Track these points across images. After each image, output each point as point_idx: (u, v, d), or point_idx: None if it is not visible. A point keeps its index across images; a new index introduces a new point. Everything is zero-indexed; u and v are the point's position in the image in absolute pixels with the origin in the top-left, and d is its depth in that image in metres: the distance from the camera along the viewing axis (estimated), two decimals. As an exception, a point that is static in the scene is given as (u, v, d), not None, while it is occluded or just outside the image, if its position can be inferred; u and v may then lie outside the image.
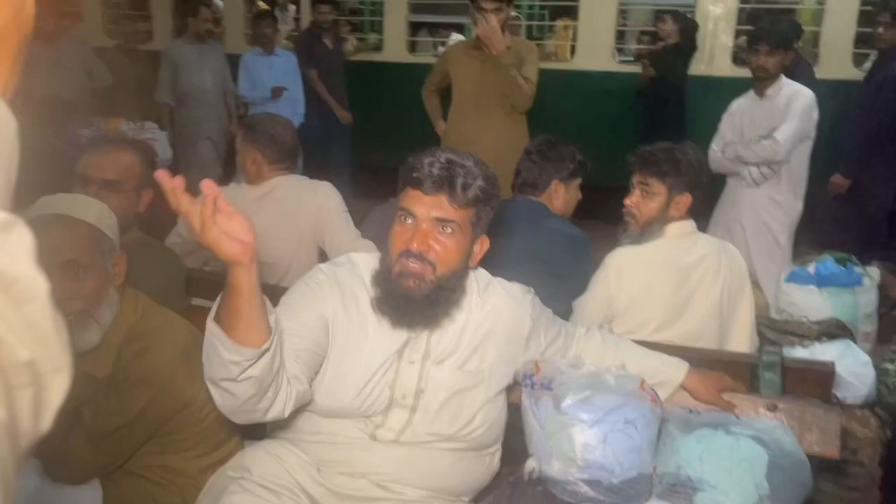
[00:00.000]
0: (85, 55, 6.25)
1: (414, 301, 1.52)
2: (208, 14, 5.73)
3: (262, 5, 7.29)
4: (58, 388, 0.53)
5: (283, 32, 8.04)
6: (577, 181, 2.61)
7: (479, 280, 1.70)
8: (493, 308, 1.66)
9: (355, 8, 8.82)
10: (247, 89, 5.48)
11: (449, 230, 1.52)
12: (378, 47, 7.01)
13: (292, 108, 5.47)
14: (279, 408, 1.40)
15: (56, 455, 1.54)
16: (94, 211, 1.63)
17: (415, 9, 6.79)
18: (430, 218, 1.51)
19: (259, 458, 1.56)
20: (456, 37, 7.38)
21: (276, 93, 5.35)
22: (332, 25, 5.87)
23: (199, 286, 2.46)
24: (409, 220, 1.53)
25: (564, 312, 2.33)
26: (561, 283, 2.43)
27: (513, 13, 6.63)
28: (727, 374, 1.85)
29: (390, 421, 1.55)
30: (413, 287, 1.51)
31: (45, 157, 2.16)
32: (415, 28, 7.28)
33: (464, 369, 1.61)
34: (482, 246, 1.64)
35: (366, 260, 1.66)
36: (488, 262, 2.38)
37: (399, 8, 6.58)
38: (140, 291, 1.98)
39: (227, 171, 4.78)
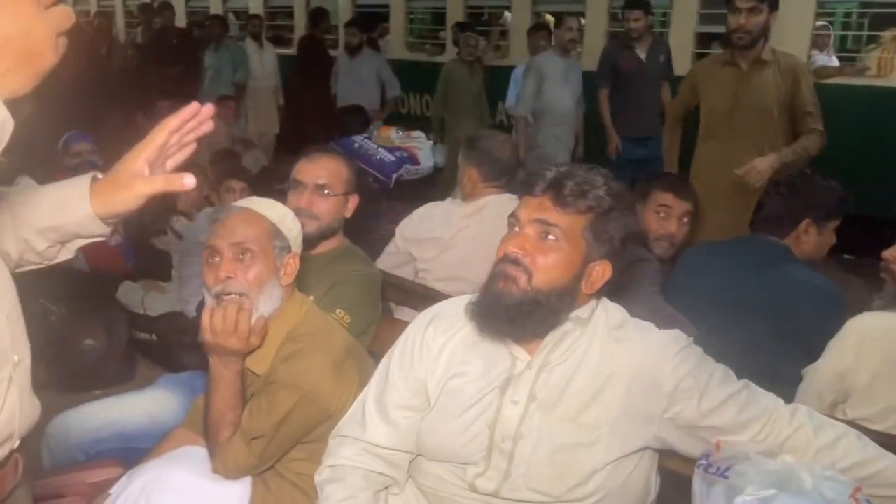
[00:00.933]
0: (380, 67, 6.77)
1: (502, 306, 1.35)
2: (574, 23, 5.31)
3: (549, 18, 7.31)
4: None
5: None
6: (834, 223, 2.18)
7: (611, 317, 1.44)
8: (624, 352, 1.40)
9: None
10: (514, 102, 5.51)
11: (552, 237, 1.35)
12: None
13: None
14: None
15: (222, 447, 1.62)
16: (278, 211, 1.69)
17: (705, 19, 6.31)
18: (531, 220, 1.37)
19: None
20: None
21: (543, 106, 5.30)
22: (645, 33, 5.10)
23: (401, 296, 2.50)
24: (515, 227, 1.40)
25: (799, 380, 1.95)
26: (797, 344, 2.04)
27: (819, 23, 5.87)
28: None
29: (491, 470, 1.39)
30: (503, 289, 1.35)
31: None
32: (705, 40, 6.76)
33: (577, 422, 1.37)
34: (603, 271, 1.39)
35: None
36: (694, 308, 2.09)
37: (687, 17, 6.17)
38: (336, 295, 2.07)
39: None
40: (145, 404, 2.07)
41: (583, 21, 7.50)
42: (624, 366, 1.39)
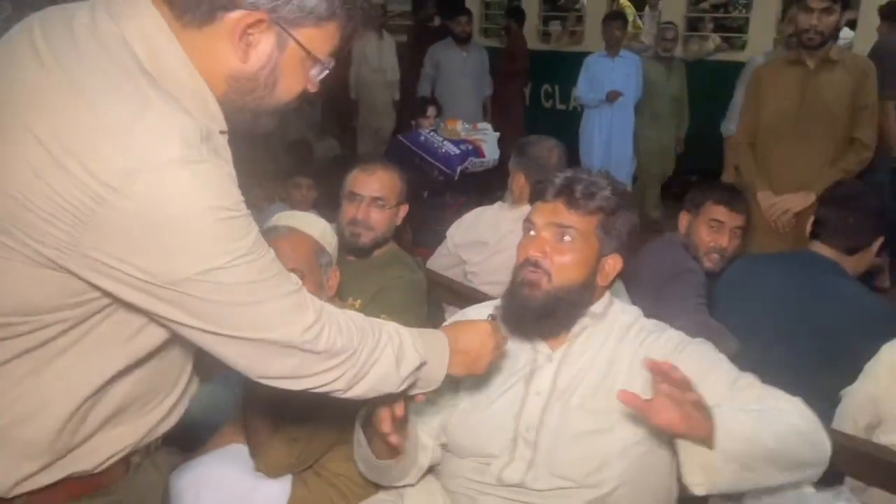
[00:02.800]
0: (485, 62, 6.22)
1: (529, 310, 1.49)
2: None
3: (624, 4, 7.17)
4: None
5: (646, 32, 7.83)
6: None
7: (626, 315, 1.57)
8: (635, 346, 1.50)
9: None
10: (585, 91, 5.46)
11: (568, 238, 1.50)
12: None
13: (626, 115, 5.34)
14: (409, 481, 1.59)
15: (262, 446, 1.73)
16: (319, 227, 1.78)
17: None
18: (547, 224, 1.51)
19: (413, 490, 1.61)
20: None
21: (612, 97, 5.25)
22: None
23: (450, 296, 2.58)
24: (532, 231, 1.54)
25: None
26: (844, 365, 1.99)
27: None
28: None
29: (517, 460, 1.46)
30: (528, 295, 1.49)
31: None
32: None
33: (591, 410, 1.45)
34: (614, 264, 1.55)
35: None
36: (739, 323, 2.07)
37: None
38: (381, 300, 2.15)
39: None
40: (203, 398, 2.21)
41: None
42: (632, 356, 1.48)
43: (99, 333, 1.00)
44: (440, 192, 4.61)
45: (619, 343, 1.52)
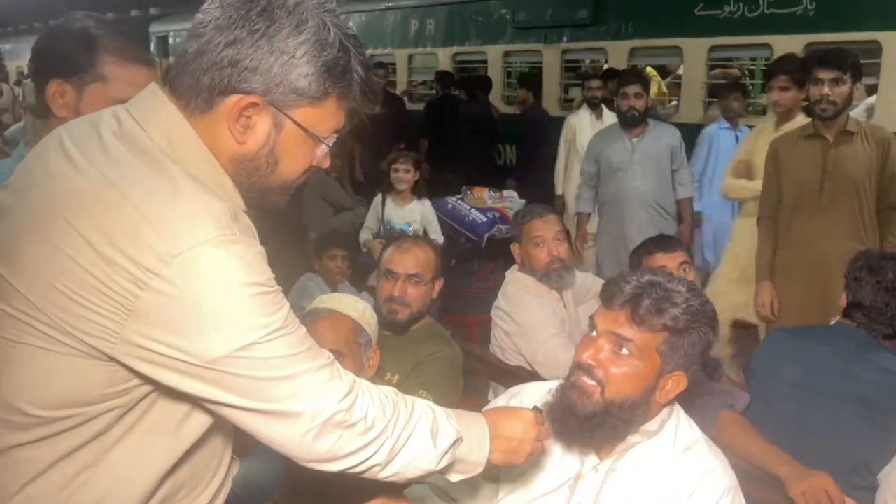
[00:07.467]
0: (675, 145, 4.25)
1: (575, 417, 1.40)
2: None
3: (650, 71, 7.27)
4: None
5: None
6: None
7: (682, 435, 1.46)
8: (684, 475, 1.41)
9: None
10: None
11: (625, 351, 1.39)
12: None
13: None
14: None
15: None
16: (359, 308, 1.81)
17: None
18: (607, 332, 1.41)
19: None
20: None
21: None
22: None
23: (482, 366, 2.59)
24: (593, 332, 1.44)
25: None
26: (881, 437, 1.97)
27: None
28: None
29: None
30: (576, 401, 1.40)
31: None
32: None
33: None
34: (677, 383, 1.42)
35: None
36: (778, 392, 2.05)
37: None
38: (419, 376, 2.17)
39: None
40: (243, 474, 2.22)
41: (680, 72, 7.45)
42: (681, 486, 1.41)
43: (148, 422, 1.04)
44: (468, 259, 4.68)
45: (671, 467, 1.42)
